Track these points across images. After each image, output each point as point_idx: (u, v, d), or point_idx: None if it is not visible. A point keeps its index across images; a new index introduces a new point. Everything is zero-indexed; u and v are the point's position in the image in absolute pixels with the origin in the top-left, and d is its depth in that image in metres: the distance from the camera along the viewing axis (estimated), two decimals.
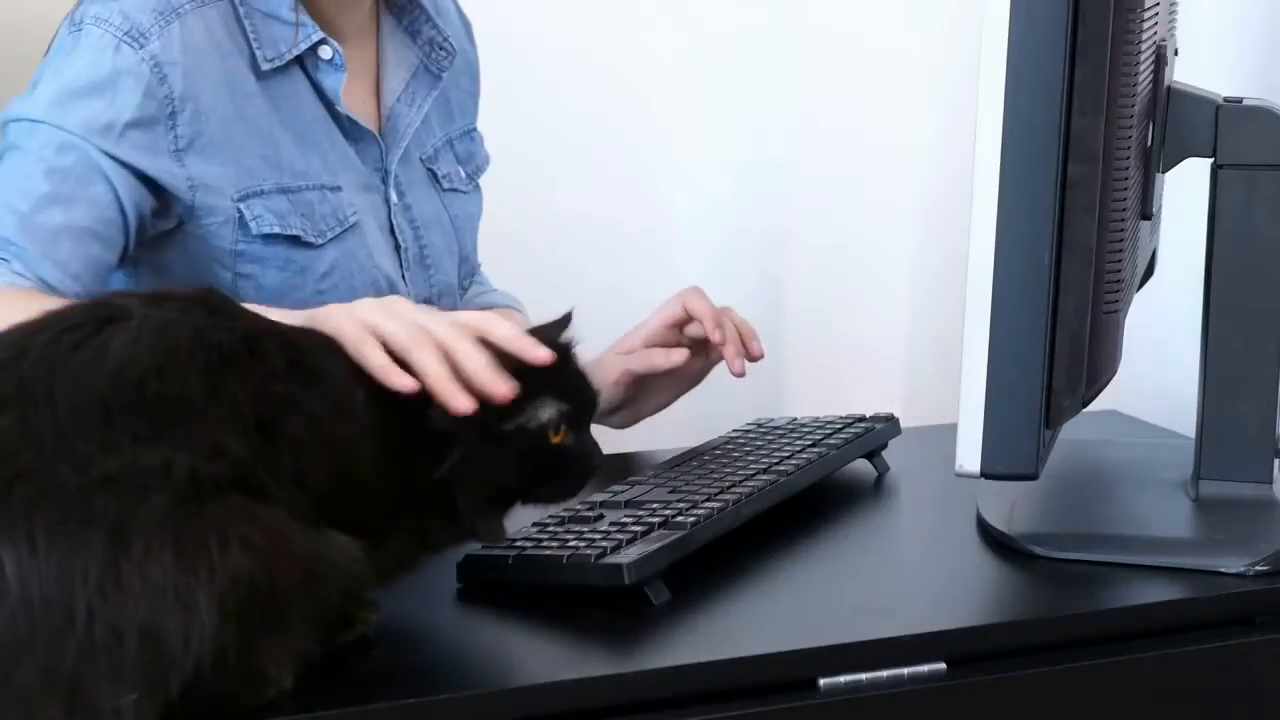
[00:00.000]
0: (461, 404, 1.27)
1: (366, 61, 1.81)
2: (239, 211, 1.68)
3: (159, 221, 1.68)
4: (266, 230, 1.69)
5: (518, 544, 1.38)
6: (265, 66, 1.70)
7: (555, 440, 1.32)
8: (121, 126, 1.64)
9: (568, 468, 1.34)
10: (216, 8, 1.69)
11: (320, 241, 1.72)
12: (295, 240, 1.71)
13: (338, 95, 1.74)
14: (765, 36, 2.59)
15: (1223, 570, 1.41)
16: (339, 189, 1.74)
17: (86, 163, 1.62)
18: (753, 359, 1.80)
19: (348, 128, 1.76)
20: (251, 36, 1.70)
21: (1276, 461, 1.54)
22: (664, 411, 2.63)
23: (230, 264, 1.70)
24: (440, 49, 1.84)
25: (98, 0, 1.67)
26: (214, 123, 1.67)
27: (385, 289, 1.76)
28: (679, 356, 1.81)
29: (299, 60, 1.72)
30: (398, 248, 1.79)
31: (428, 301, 1.79)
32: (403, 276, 1.79)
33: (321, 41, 1.73)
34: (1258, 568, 1.41)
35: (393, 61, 1.82)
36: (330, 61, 1.73)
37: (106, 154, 1.63)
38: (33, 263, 1.59)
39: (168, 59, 1.65)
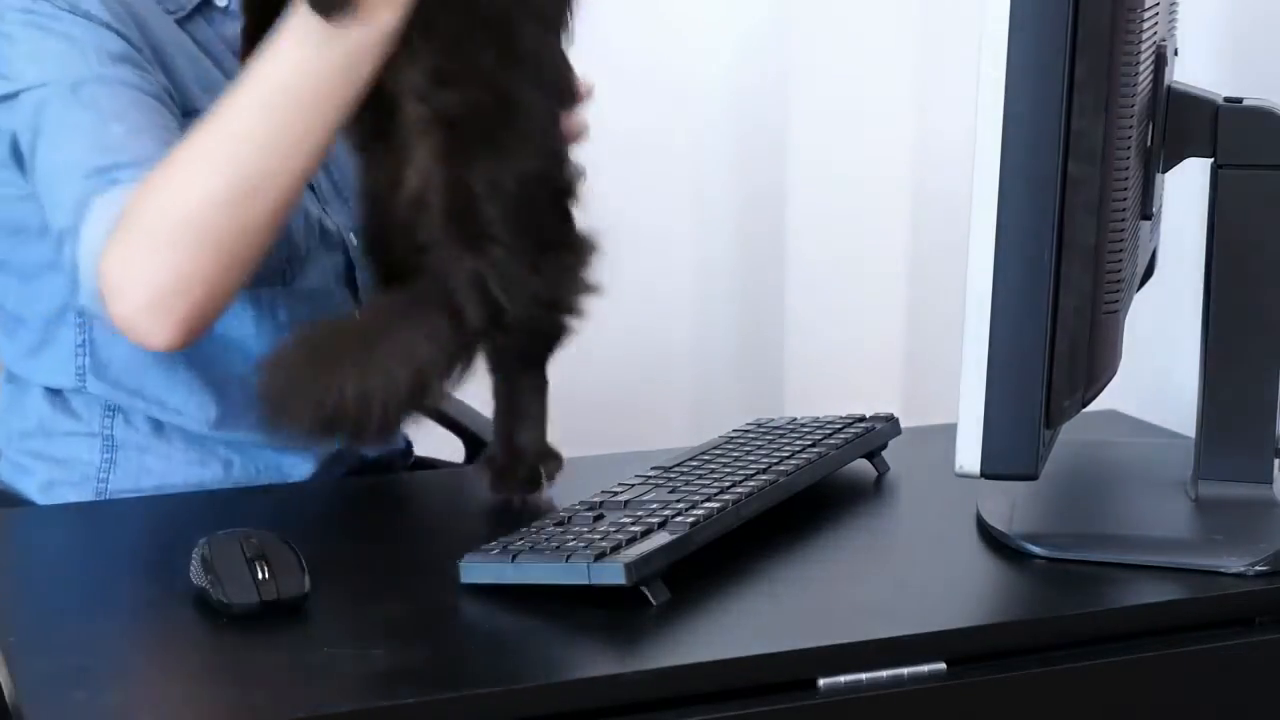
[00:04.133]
0: None
1: None
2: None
3: None
4: None
5: (517, 544, 1.38)
6: (175, 17, 1.75)
7: None
8: (91, 51, 1.66)
9: None
10: None
11: None
12: None
13: (234, 42, 1.73)
14: (765, 36, 2.59)
15: (1223, 570, 1.41)
16: None
17: (103, 88, 1.64)
18: None
19: None
20: None
21: (1276, 461, 1.54)
22: (664, 411, 2.64)
23: None
24: None
25: None
26: (152, 46, 1.71)
27: (315, 225, 1.79)
28: None
29: (199, 11, 1.76)
30: (311, 186, 1.80)
31: (358, 232, 1.79)
32: (324, 210, 1.81)
33: None
34: (1258, 568, 1.41)
35: None
36: (224, 9, 1.77)
37: (103, 73, 1.65)
38: (130, 170, 1.60)
39: (102, 19, 1.67)
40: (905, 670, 1.29)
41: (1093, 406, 1.41)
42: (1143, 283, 1.68)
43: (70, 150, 1.63)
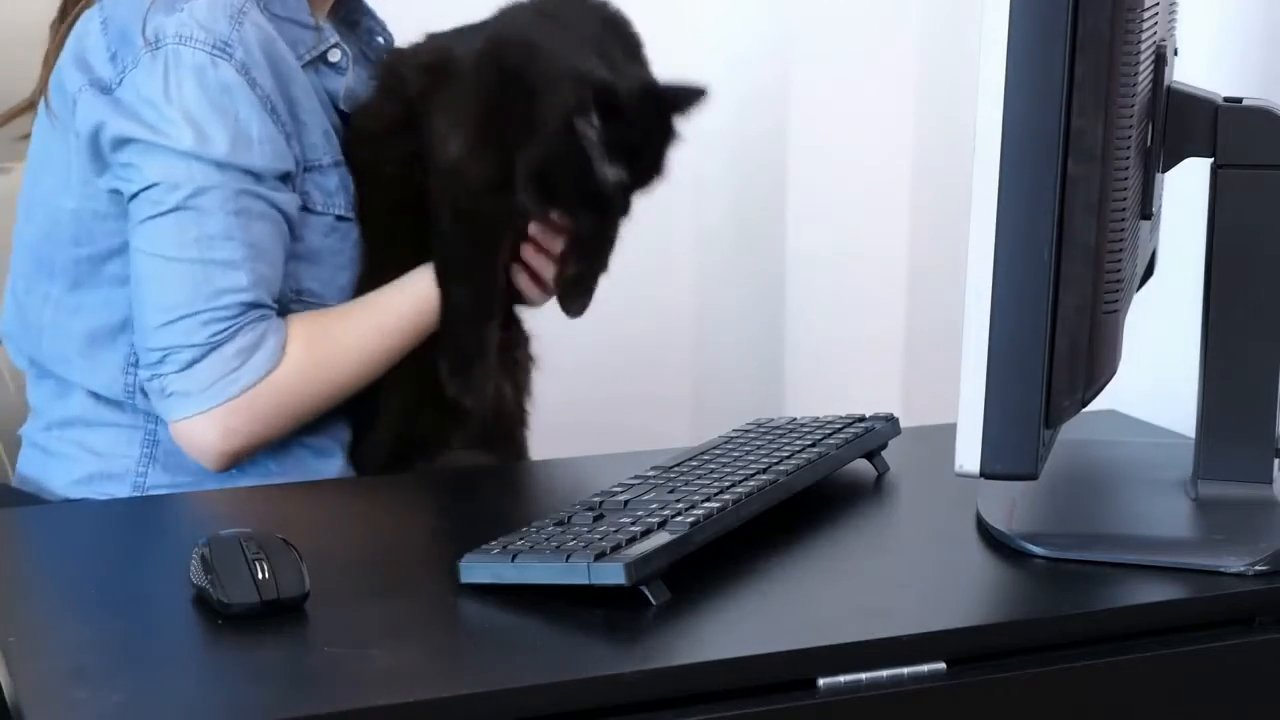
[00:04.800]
0: None
1: None
2: (305, 189, 1.78)
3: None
4: (333, 210, 1.80)
5: (517, 544, 1.38)
6: (300, 61, 1.79)
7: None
8: (255, 142, 1.71)
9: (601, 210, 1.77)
10: (255, 4, 1.75)
11: (352, 216, 1.82)
12: (339, 216, 1.80)
13: (339, 96, 1.83)
14: (766, 35, 2.59)
15: (1223, 570, 1.41)
16: None
17: (253, 198, 1.71)
18: None
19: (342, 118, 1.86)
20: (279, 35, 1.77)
21: (1276, 461, 1.54)
22: (664, 411, 2.64)
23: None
24: (378, 37, 1.94)
25: (164, 11, 1.69)
26: (293, 105, 1.76)
27: None
28: None
29: (311, 64, 1.80)
30: None
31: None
32: None
33: (334, 45, 1.82)
34: (1258, 568, 1.41)
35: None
36: (336, 65, 1.82)
37: (257, 180, 1.71)
38: (272, 305, 1.74)
39: (252, 61, 1.72)
40: (905, 670, 1.29)
41: (1093, 406, 1.41)
42: (1143, 283, 1.68)
43: (222, 268, 1.70)
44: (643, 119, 1.74)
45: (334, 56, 1.82)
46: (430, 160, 1.80)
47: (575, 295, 1.85)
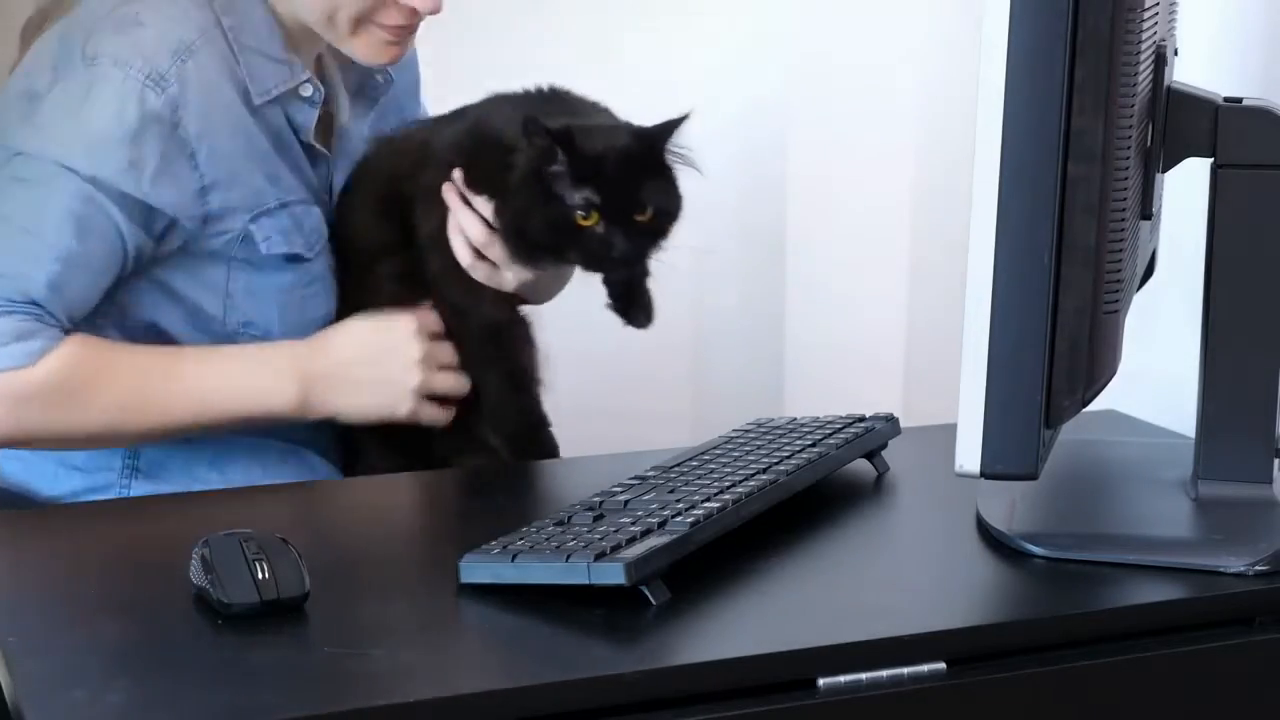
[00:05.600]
0: None
1: None
2: (249, 230, 1.75)
3: (163, 245, 1.74)
4: (275, 251, 1.76)
5: (517, 544, 1.38)
6: (257, 101, 1.75)
7: (583, 223, 1.70)
8: (149, 177, 1.68)
9: (587, 249, 1.72)
10: (215, 42, 1.71)
11: (310, 255, 1.80)
12: (294, 257, 1.78)
13: (307, 130, 1.80)
14: (768, 36, 2.59)
15: (1223, 570, 1.41)
16: (318, 205, 1.82)
17: (105, 215, 1.67)
18: None
19: (311, 152, 1.83)
20: (245, 72, 1.74)
21: (1276, 461, 1.54)
22: (664, 412, 2.64)
23: (227, 264, 1.75)
24: (377, 75, 1.91)
25: (110, 31, 1.68)
26: (224, 156, 1.72)
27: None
28: None
29: (280, 99, 1.77)
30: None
31: None
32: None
33: (305, 80, 1.78)
34: (1258, 568, 1.41)
35: (338, 85, 1.89)
36: (308, 99, 1.79)
37: (124, 204, 1.67)
38: (59, 316, 1.69)
39: (184, 101, 1.68)
40: (905, 670, 1.29)
41: (1093, 406, 1.41)
42: (1143, 283, 1.68)
43: (30, 256, 1.67)
44: (615, 151, 1.73)
45: (305, 91, 1.79)
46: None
47: (636, 309, 1.86)
